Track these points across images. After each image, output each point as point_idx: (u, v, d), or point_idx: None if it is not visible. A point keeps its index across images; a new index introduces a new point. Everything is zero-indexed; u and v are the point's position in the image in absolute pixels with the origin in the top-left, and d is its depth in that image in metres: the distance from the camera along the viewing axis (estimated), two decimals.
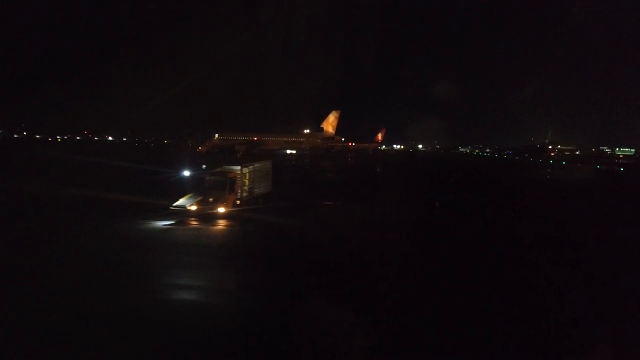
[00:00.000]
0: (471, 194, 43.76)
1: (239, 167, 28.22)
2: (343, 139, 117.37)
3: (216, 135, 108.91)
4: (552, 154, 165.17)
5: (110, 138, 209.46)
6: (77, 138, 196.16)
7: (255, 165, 29.97)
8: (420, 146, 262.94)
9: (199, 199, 26.07)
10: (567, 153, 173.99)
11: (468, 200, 39.29)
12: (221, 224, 24.95)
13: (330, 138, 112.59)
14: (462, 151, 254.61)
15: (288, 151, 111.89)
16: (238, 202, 27.23)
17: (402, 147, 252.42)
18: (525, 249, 21.71)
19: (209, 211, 25.92)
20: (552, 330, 12.81)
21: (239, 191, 27.77)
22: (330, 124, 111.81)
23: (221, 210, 26.07)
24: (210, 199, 26.26)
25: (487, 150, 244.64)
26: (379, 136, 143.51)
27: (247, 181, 28.52)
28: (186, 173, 27.36)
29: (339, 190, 43.03)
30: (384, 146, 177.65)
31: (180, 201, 25.69)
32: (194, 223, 24.84)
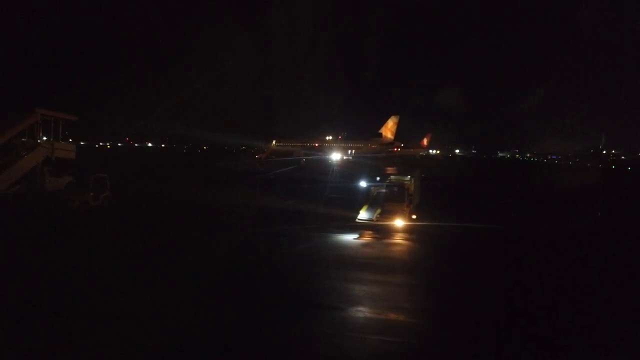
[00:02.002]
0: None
1: (408, 177, 26.92)
2: (402, 145, 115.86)
3: (274, 142, 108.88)
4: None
5: (149, 144, 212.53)
6: (119, 144, 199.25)
7: (415, 174, 28.64)
8: (457, 151, 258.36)
9: (378, 210, 24.80)
10: (613, 157, 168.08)
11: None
12: (412, 239, 23.29)
13: (390, 143, 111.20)
14: (502, 156, 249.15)
15: (334, 157, 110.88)
16: (414, 216, 25.59)
17: (438, 151, 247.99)
18: None
19: (390, 224, 24.58)
20: None
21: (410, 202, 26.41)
22: (389, 129, 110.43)
23: (400, 223, 24.69)
24: (388, 212, 24.97)
25: (528, 155, 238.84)
26: (425, 141, 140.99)
27: (412, 192, 27.17)
28: (362, 183, 26.16)
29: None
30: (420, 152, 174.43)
31: (364, 214, 24.46)
32: (385, 238, 23.25)
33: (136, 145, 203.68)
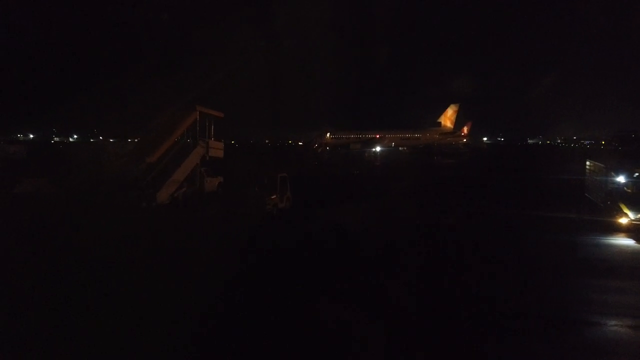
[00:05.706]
0: None
1: None
2: (463, 134, 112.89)
3: (328, 134, 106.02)
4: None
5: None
6: None
7: None
8: (485, 139, 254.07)
9: None
10: None
11: None
12: None
13: (450, 133, 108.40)
14: (533, 142, 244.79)
15: (377, 148, 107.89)
16: None
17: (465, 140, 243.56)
18: None
19: None
20: None
21: None
22: (448, 118, 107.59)
23: None
24: None
25: (558, 141, 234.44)
26: (465, 130, 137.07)
27: None
28: (620, 178, 23.40)
29: None
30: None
31: (632, 214, 21.81)
32: None
33: None
